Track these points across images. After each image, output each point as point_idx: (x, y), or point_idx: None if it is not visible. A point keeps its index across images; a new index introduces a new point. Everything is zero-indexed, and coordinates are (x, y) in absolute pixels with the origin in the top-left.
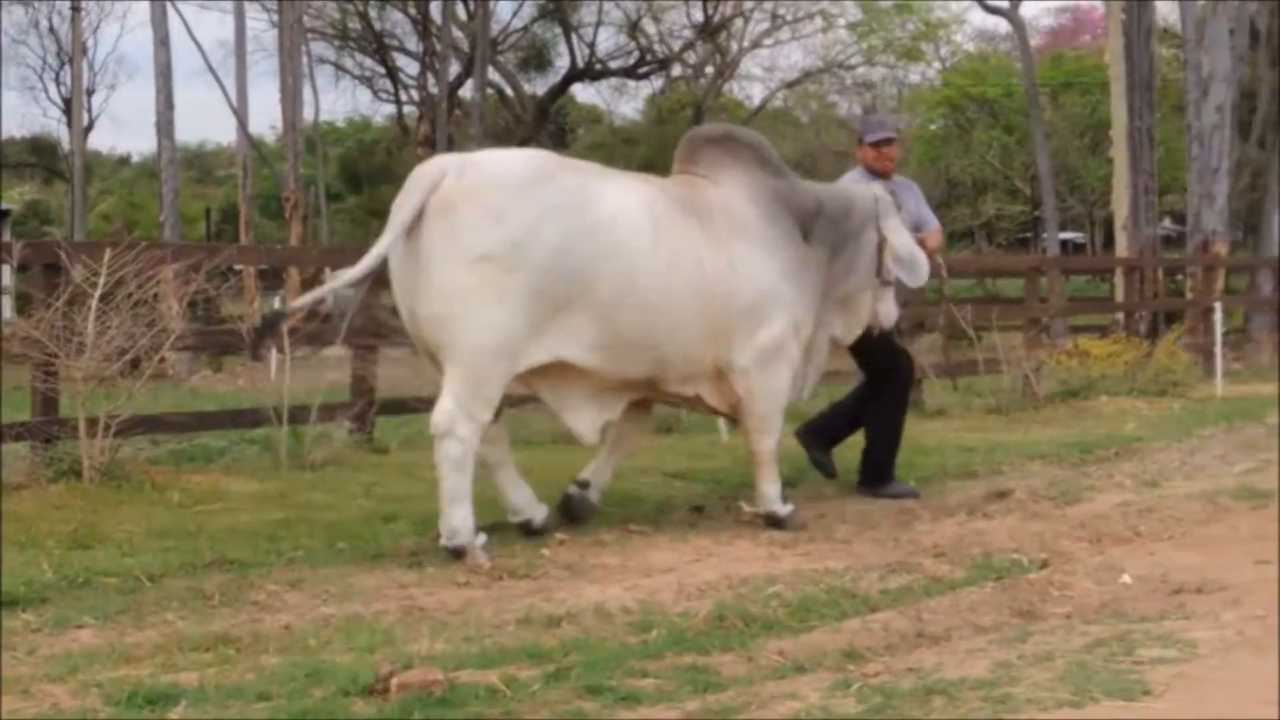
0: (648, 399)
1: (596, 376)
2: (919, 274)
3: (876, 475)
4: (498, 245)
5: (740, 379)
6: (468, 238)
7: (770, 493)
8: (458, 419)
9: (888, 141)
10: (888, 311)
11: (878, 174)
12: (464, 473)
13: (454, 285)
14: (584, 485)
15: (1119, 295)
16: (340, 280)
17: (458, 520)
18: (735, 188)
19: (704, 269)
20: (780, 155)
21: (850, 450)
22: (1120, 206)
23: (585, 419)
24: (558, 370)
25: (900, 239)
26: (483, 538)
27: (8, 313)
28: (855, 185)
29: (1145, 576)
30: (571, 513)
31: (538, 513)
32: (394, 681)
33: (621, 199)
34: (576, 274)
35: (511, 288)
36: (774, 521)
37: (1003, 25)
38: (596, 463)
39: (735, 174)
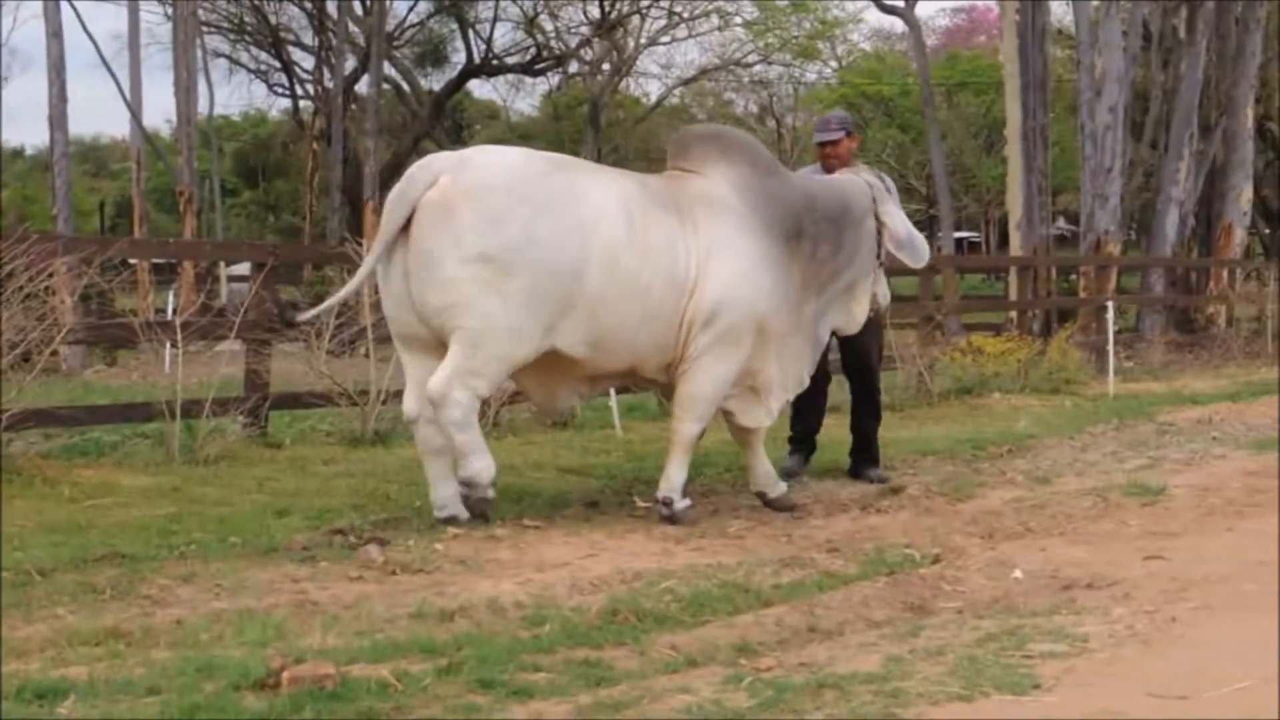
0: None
1: (582, 366)
2: (920, 254)
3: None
4: (496, 248)
5: (690, 360)
6: (467, 239)
7: (676, 480)
8: (452, 384)
9: (830, 142)
10: (884, 291)
11: (826, 171)
12: (470, 430)
13: (456, 278)
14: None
15: (1013, 294)
16: (354, 284)
17: (474, 470)
18: (722, 181)
19: (677, 259)
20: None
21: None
22: (1014, 206)
23: (559, 402)
24: (545, 359)
25: (897, 222)
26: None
27: None
28: (850, 177)
29: (1036, 572)
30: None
31: (461, 510)
32: (285, 675)
33: (602, 196)
34: (569, 272)
35: (512, 287)
36: (669, 515)
37: (899, 25)
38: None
39: (723, 168)
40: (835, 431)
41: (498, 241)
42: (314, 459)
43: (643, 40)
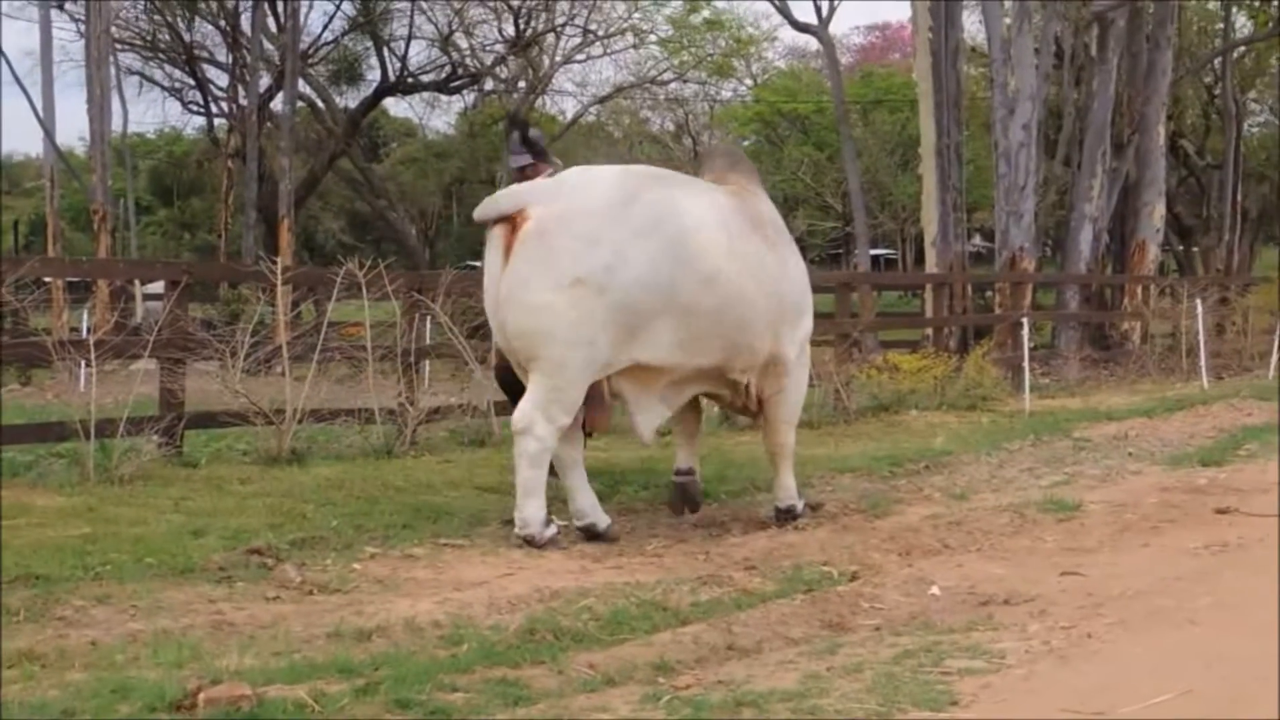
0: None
1: (670, 371)
2: None
3: None
4: (590, 269)
5: (786, 369)
6: (562, 262)
7: (792, 486)
8: (536, 419)
9: (520, 169)
10: None
11: None
12: (539, 469)
13: (546, 304)
14: (688, 472)
15: (929, 310)
16: None
17: (529, 511)
18: (765, 200)
19: (766, 270)
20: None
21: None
22: (929, 223)
23: (651, 419)
24: (632, 370)
25: None
26: (553, 529)
27: None
28: None
29: (953, 588)
30: (690, 498)
31: (602, 519)
32: (201, 697)
33: (701, 210)
34: (662, 286)
35: (602, 306)
36: (792, 517)
37: (813, 43)
38: (683, 453)
39: (757, 187)
40: (755, 448)
41: (592, 262)
42: (230, 478)
43: (558, 58)
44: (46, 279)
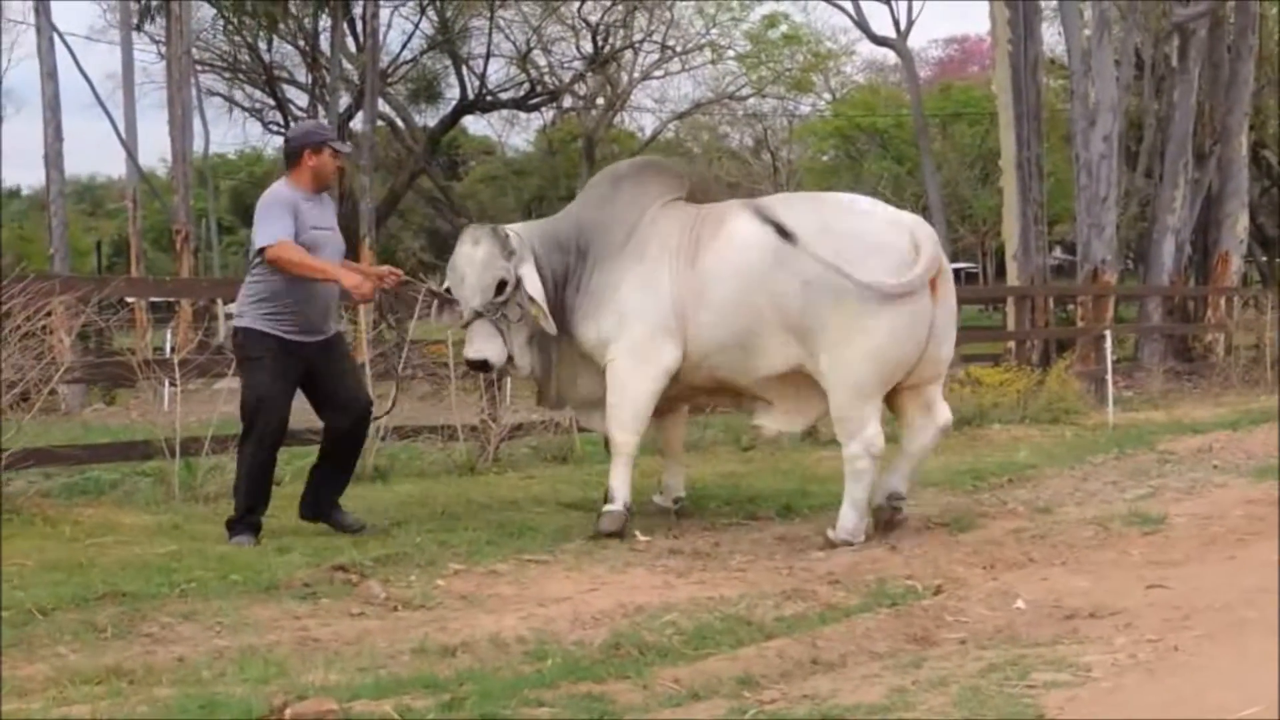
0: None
1: None
2: None
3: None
4: None
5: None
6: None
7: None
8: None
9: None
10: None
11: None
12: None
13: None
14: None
15: (1010, 324)
16: None
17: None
18: None
19: None
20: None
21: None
22: (1010, 236)
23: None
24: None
25: None
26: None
27: None
28: None
29: (1038, 602)
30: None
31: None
32: (288, 713)
33: None
34: None
35: None
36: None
37: (891, 56)
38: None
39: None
40: (838, 463)
41: None
42: None
43: (636, 74)
44: (130, 299)
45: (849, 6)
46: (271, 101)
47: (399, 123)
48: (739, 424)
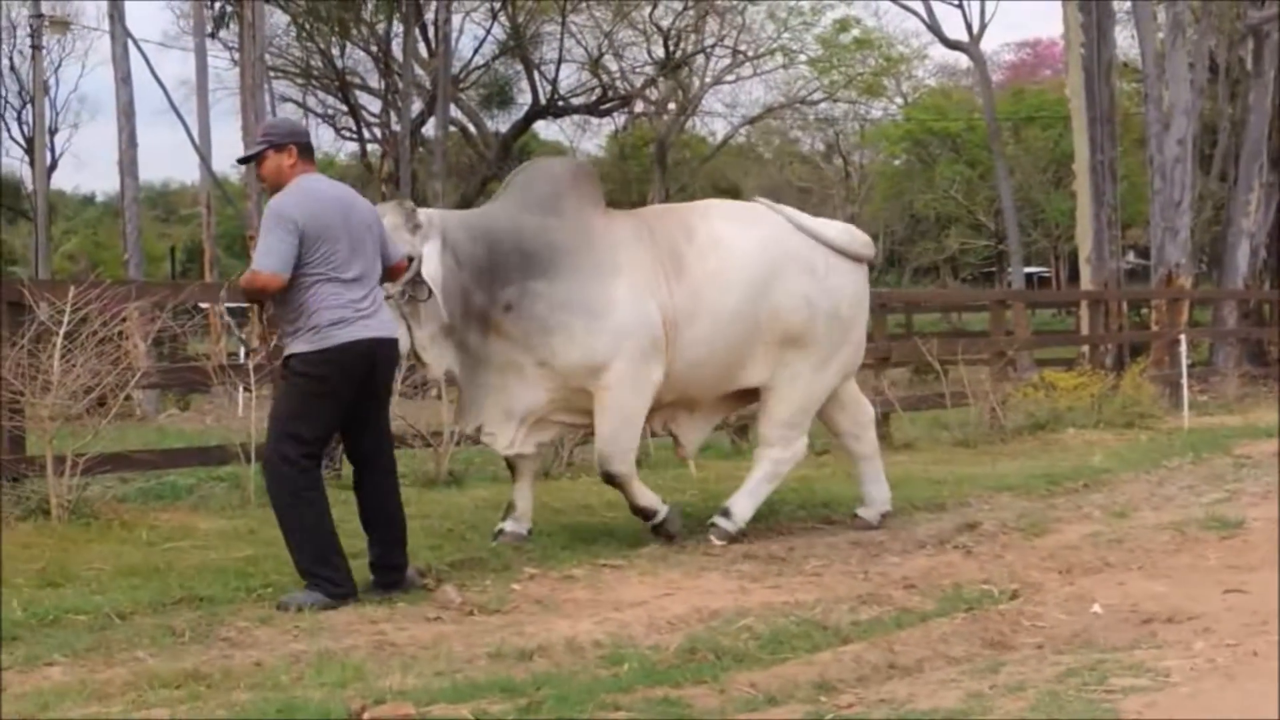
0: None
1: None
2: None
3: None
4: None
5: None
6: None
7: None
8: None
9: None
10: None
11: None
12: None
13: None
14: None
15: (1084, 328)
16: None
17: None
18: None
19: None
20: (736, 189)
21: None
22: (1084, 240)
23: None
24: None
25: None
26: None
27: None
28: None
29: (1115, 606)
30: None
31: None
32: (366, 717)
33: None
34: None
35: None
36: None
37: (963, 60)
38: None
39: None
40: (911, 467)
41: None
42: None
43: (708, 79)
44: (204, 305)
45: (921, 10)
46: (344, 107)
47: (471, 128)
48: (812, 428)
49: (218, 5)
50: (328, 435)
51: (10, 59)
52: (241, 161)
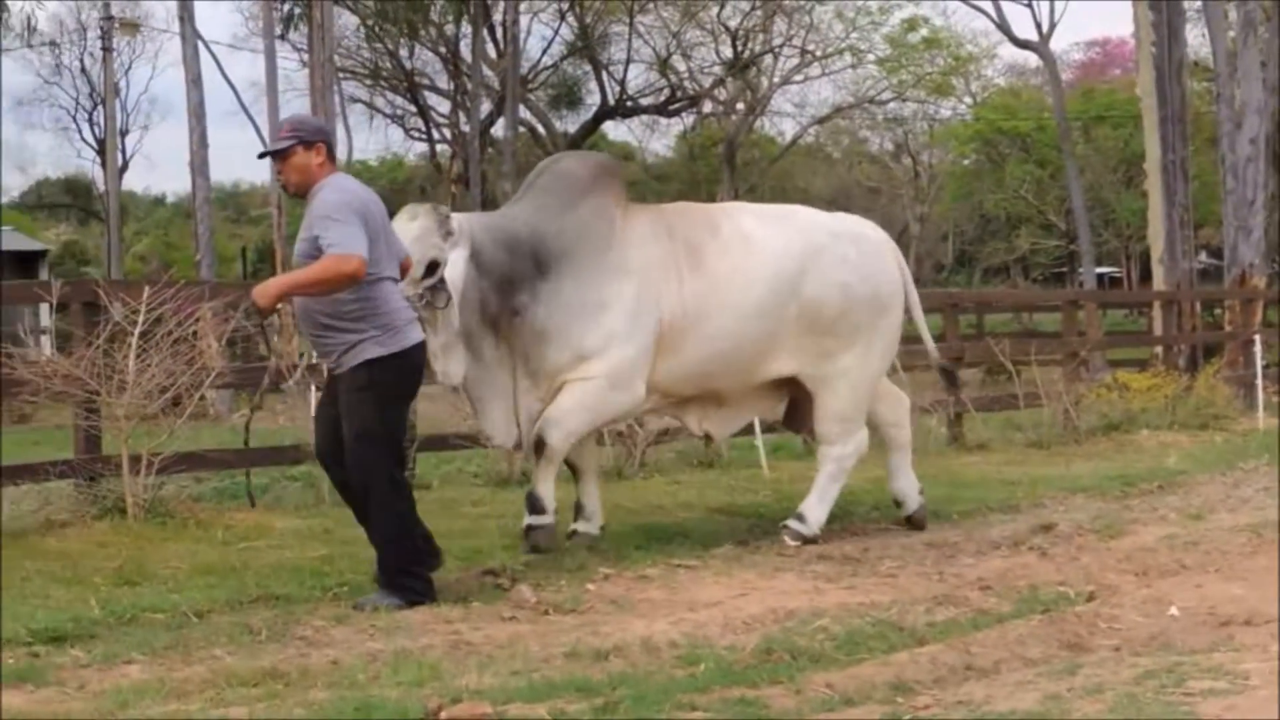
0: None
1: None
2: None
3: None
4: None
5: None
6: None
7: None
8: None
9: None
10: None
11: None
12: None
13: None
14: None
15: (1157, 329)
16: None
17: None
18: None
19: None
20: (810, 189)
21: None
22: (1156, 240)
23: None
24: None
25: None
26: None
27: (47, 352)
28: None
29: (1192, 609)
30: None
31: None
32: (443, 716)
33: None
34: None
35: None
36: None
37: (1033, 59)
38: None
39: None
40: (985, 468)
41: None
42: (462, 500)
43: (776, 79)
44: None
45: (990, 9)
46: (413, 108)
47: (540, 129)
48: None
49: (286, 7)
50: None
51: (81, 61)
52: (265, 155)
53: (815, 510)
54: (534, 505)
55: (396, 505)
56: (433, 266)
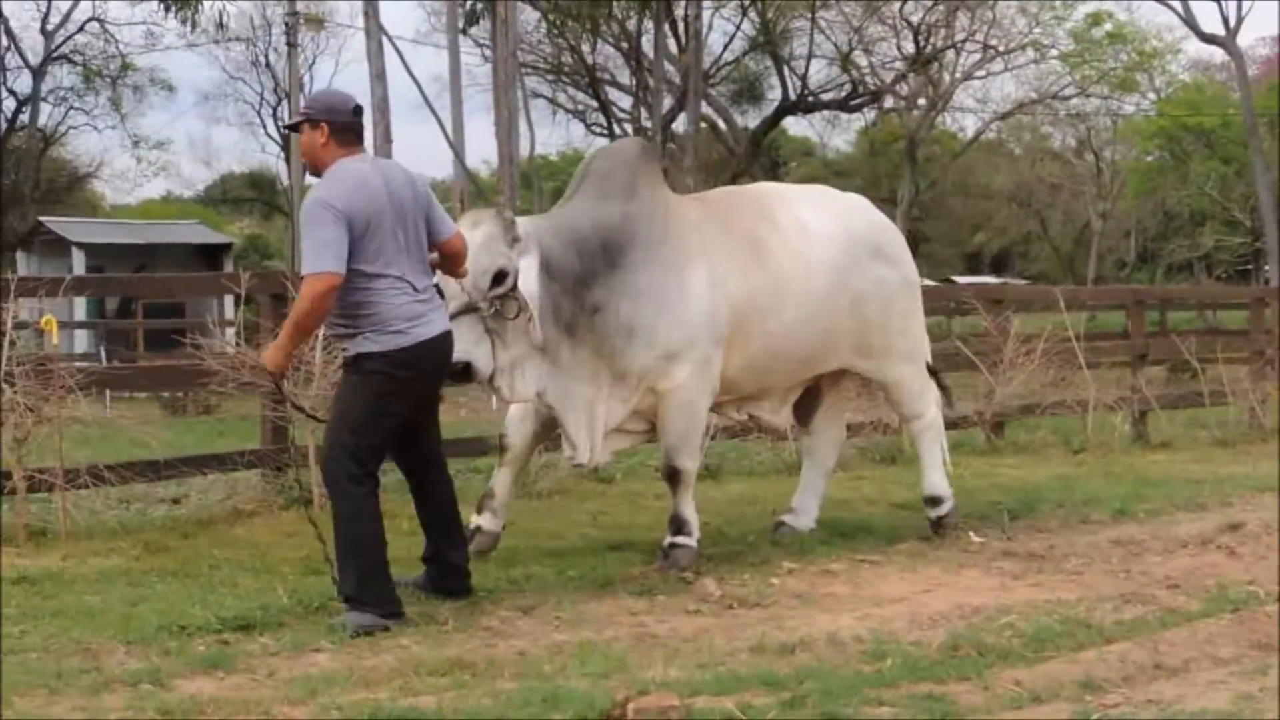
0: None
1: None
2: None
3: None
4: None
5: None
6: None
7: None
8: None
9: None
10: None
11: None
12: None
13: None
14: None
15: None
16: None
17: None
18: None
19: None
20: (992, 185)
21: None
22: None
23: None
24: None
25: None
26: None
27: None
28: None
29: None
30: None
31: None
32: (631, 707)
33: None
34: None
35: None
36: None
37: (1218, 54)
38: None
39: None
40: (1169, 467)
41: None
42: (645, 493)
43: (958, 74)
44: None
45: (1177, 4)
46: (595, 103)
47: (721, 124)
48: (1069, 426)
49: (470, 3)
50: (387, 444)
51: (266, 56)
52: (287, 129)
53: (939, 483)
54: (679, 527)
55: (364, 518)
56: (500, 275)
